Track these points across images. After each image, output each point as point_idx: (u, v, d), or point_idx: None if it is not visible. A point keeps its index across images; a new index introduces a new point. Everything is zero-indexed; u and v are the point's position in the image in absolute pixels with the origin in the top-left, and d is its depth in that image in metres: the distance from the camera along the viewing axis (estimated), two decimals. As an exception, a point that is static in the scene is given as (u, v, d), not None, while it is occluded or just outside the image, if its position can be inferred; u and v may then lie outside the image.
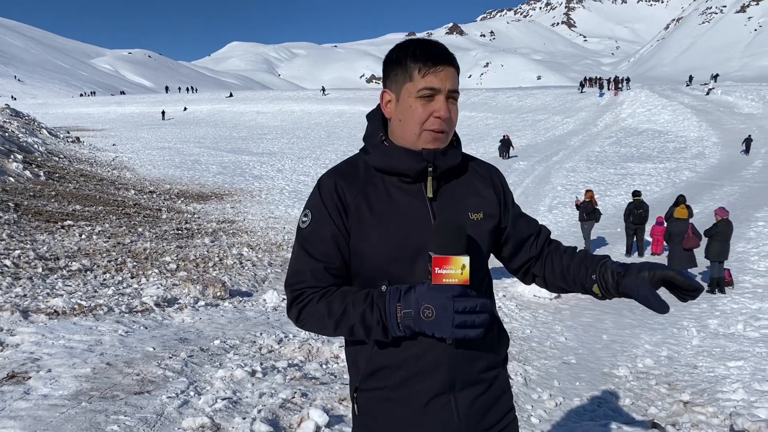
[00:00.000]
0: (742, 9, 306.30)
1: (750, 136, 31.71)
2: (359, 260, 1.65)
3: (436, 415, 1.65)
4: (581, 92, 56.69)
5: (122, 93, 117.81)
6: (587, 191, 15.28)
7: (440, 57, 1.62)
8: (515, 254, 1.86)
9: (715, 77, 74.55)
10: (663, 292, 1.55)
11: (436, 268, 1.47)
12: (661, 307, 1.53)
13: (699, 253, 10.89)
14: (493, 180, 1.81)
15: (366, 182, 1.68)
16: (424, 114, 1.62)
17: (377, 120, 1.75)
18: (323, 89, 79.27)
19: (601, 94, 53.41)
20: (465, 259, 1.47)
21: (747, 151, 30.75)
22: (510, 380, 1.88)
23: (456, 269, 1.47)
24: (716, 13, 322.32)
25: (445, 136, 1.65)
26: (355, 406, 1.75)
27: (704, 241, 10.99)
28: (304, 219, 1.69)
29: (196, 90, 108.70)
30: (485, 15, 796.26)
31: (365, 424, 1.74)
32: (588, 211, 14.40)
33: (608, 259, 1.70)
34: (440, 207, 1.67)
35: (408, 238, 1.61)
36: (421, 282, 1.52)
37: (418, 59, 1.62)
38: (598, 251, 14.62)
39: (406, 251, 1.60)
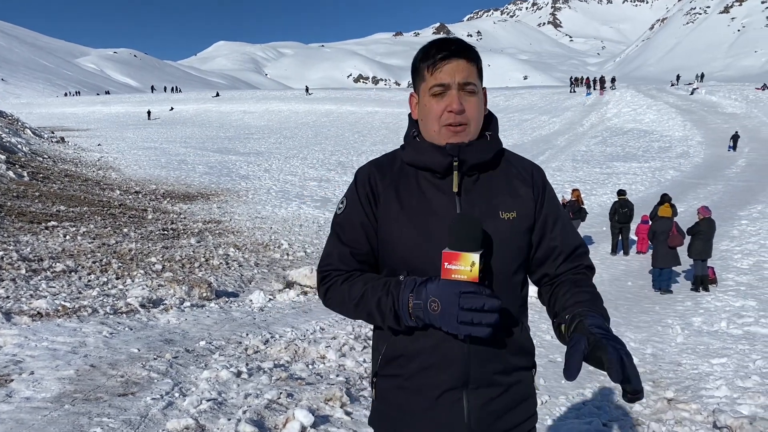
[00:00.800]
0: (726, 10, 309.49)
1: (737, 132, 32.45)
2: (385, 249, 1.70)
3: (445, 409, 1.66)
4: (572, 92, 57.18)
5: (107, 93, 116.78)
6: (574, 191, 15.37)
7: (446, 51, 1.63)
8: (535, 262, 1.77)
9: (701, 77, 75.43)
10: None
11: (446, 263, 1.50)
12: (569, 372, 1.43)
13: (683, 251, 10.98)
14: (534, 179, 1.76)
15: (399, 175, 1.72)
16: (438, 110, 1.64)
17: (412, 120, 1.80)
18: (307, 89, 79.38)
19: (588, 93, 54.34)
20: (475, 257, 1.48)
21: (734, 147, 31.39)
22: (537, 388, 1.85)
23: (465, 266, 1.48)
24: (700, 14, 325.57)
25: (465, 129, 1.65)
26: (374, 391, 1.78)
27: (688, 239, 11.09)
28: (340, 206, 1.77)
29: (180, 90, 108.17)
30: (472, 15, 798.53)
31: (381, 411, 1.76)
32: (574, 211, 14.49)
33: (594, 317, 1.53)
34: (469, 203, 1.66)
35: (432, 232, 1.62)
36: (437, 276, 1.54)
37: (426, 58, 1.66)
38: (584, 250, 14.70)
39: (429, 245, 1.61)
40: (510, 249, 1.66)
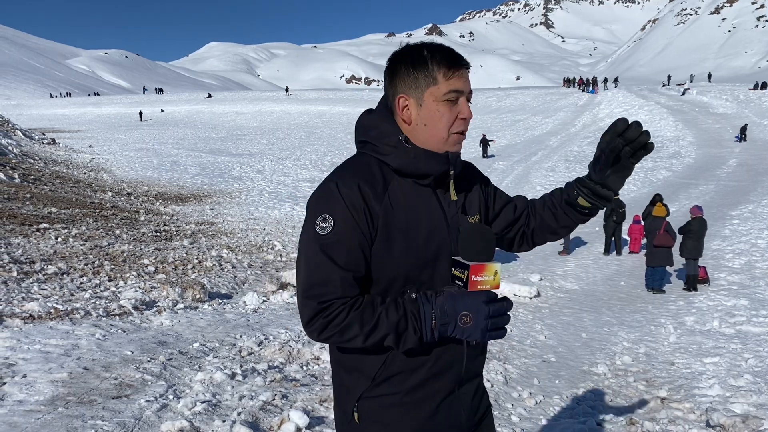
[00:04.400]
0: (716, 11, 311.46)
1: (746, 124, 34.74)
2: (380, 266, 1.60)
3: (445, 413, 1.70)
4: (582, 91, 58.26)
5: (96, 94, 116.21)
6: None
7: (461, 60, 1.66)
8: (506, 228, 1.89)
9: (691, 78, 76.17)
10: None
11: (473, 276, 1.54)
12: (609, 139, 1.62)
13: (675, 251, 11.04)
14: (474, 176, 1.84)
15: (388, 186, 1.62)
16: (451, 116, 1.63)
17: (391, 121, 1.68)
18: (287, 89, 79.84)
19: (592, 91, 56.81)
20: (497, 266, 1.55)
21: (743, 138, 33.30)
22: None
23: (489, 275, 1.55)
24: (691, 15, 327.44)
25: (463, 138, 1.70)
26: (356, 414, 1.68)
27: (679, 239, 11.14)
28: (324, 225, 1.57)
29: (162, 91, 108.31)
30: (464, 16, 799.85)
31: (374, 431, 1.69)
32: None
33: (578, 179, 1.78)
34: (455, 211, 1.70)
35: (429, 243, 1.63)
36: (449, 287, 1.59)
37: (441, 63, 1.62)
38: (576, 251, 14.76)
39: (428, 256, 1.62)
40: None
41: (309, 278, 1.57)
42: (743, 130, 34.03)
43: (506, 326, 1.60)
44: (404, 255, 1.59)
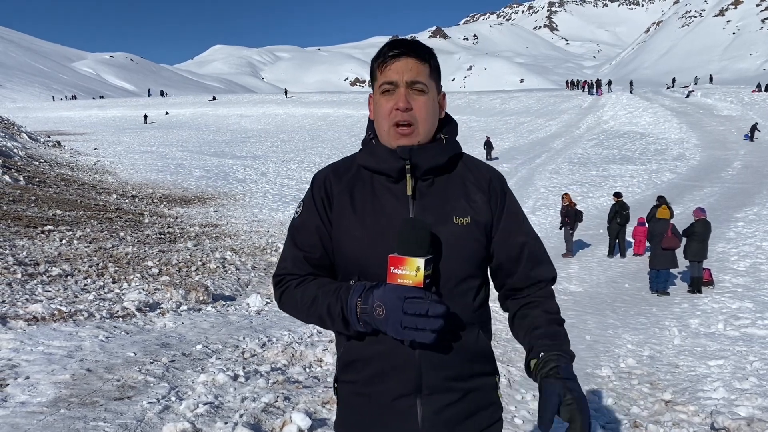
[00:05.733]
0: (721, 13, 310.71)
1: (756, 123, 34.99)
2: (339, 253, 1.68)
3: (399, 416, 1.63)
4: (590, 94, 58.14)
5: (101, 97, 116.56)
6: (564, 195, 15.23)
7: (396, 50, 1.62)
8: (497, 271, 1.77)
9: (696, 80, 76.22)
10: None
11: (392, 268, 1.48)
12: (544, 425, 1.45)
13: (680, 253, 11.00)
14: (491, 185, 1.72)
15: (355, 179, 1.70)
16: (387, 108, 1.63)
17: (372, 123, 1.77)
18: (286, 92, 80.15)
19: (596, 93, 57.20)
20: (420, 261, 1.45)
21: (752, 137, 33.60)
22: (500, 396, 1.81)
23: (410, 270, 1.46)
24: (695, 17, 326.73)
25: (413, 130, 1.63)
26: (337, 396, 1.78)
27: (684, 241, 11.11)
28: (297, 210, 1.76)
29: (164, 94, 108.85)
30: (468, 18, 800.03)
31: (343, 416, 1.76)
32: (570, 215, 14.47)
33: (561, 355, 1.58)
34: (422, 207, 1.64)
35: (383, 237, 1.60)
36: (385, 281, 1.53)
37: (378, 57, 1.66)
38: (580, 253, 14.72)
39: (381, 249, 1.57)
40: (462, 254, 1.63)
41: (280, 255, 1.79)
42: (753, 129, 34.28)
43: (433, 331, 1.45)
44: (357, 246, 1.63)
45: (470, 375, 1.67)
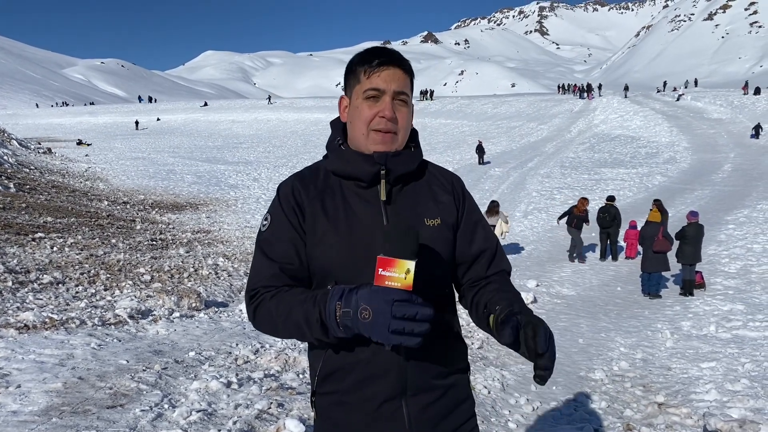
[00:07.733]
0: (710, 17, 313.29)
1: (760, 123, 35.88)
2: (314, 262, 1.66)
3: (387, 420, 1.64)
4: (581, 98, 58.35)
5: (92, 104, 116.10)
6: (584, 199, 15.18)
7: (385, 58, 1.65)
8: (462, 267, 1.79)
9: (686, 84, 76.80)
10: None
11: (380, 269, 1.43)
12: (504, 336, 1.47)
13: (671, 256, 11.05)
14: (454, 187, 1.80)
15: (324, 186, 1.70)
16: (370, 114, 1.65)
17: (337, 126, 1.79)
18: (269, 98, 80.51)
19: (584, 97, 57.53)
20: (410, 264, 1.42)
21: (757, 135, 34.67)
22: (473, 389, 1.82)
23: (400, 273, 1.42)
24: (685, 21, 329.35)
25: (393, 138, 1.67)
26: (314, 410, 1.75)
27: (676, 244, 11.16)
28: (264, 222, 1.72)
29: (152, 100, 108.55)
30: (459, 23, 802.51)
31: (324, 429, 1.73)
32: (583, 219, 14.46)
33: (516, 309, 1.57)
34: (395, 212, 1.67)
35: (359, 243, 1.62)
36: (367, 283, 1.47)
37: (363, 62, 1.67)
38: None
39: (357, 255, 1.60)
40: (436, 255, 1.67)
41: (251, 271, 1.72)
42: (757, 128, 35.31)
43: (420, 334, 1.43)
44: (333, 253, 1.63)
45: (450, 372, 1.73)
